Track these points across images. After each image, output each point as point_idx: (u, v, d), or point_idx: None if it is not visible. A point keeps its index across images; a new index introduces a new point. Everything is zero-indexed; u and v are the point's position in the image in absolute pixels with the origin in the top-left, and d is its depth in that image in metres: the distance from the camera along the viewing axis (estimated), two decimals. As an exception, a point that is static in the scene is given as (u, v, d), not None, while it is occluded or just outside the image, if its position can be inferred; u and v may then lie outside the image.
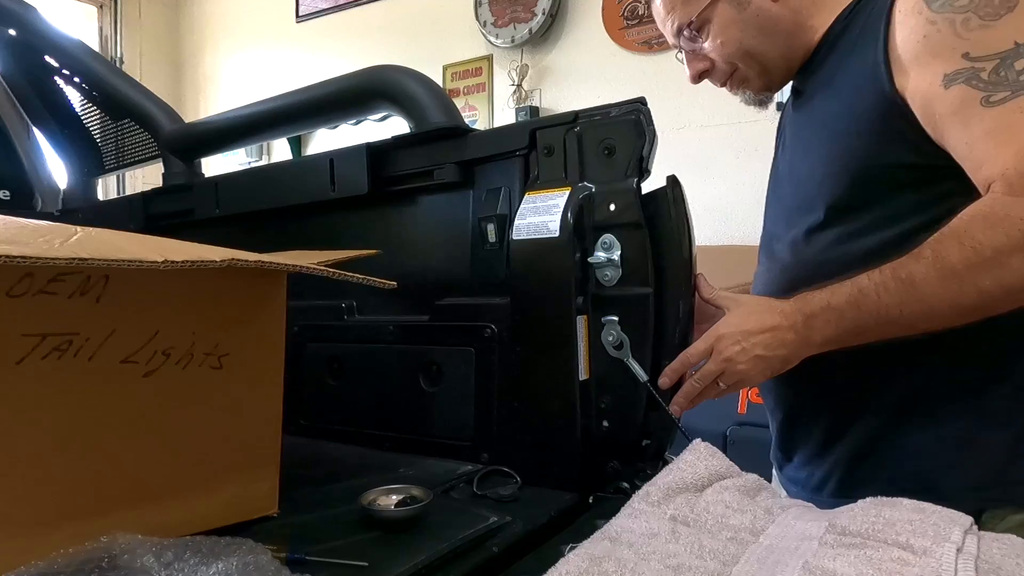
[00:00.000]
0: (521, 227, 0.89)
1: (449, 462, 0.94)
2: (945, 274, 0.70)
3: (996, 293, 0.69)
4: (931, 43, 0.74)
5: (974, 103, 0.72)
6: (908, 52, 0.76)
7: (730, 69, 0.95)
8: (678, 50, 0.99)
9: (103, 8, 4.61)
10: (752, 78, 0.95)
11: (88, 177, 1.67)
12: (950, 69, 0.73)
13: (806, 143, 0.93)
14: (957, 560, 0.52)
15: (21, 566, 0.51)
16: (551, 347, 0.87)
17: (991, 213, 0.69)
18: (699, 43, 0.94)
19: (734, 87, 0.98)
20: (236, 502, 0.71)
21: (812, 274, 0.83)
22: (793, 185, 0.95)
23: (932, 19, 0.74)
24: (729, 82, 0.97)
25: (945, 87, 0.73)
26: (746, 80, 0.96)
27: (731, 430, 2.19)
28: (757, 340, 0.79)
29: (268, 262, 0.62)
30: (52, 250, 0.49)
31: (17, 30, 1.54)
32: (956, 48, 0.73)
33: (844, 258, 0.82)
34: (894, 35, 0.78)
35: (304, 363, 1.13)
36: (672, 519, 0.64)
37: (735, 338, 0.80)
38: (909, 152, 0.79)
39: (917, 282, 0.72)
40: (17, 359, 0.55)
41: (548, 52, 3.38)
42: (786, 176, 0.98)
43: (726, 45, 0.92)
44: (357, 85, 1.14)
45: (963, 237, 0.70)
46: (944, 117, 0.74)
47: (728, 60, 0.94)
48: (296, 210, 1.17)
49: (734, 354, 0.80)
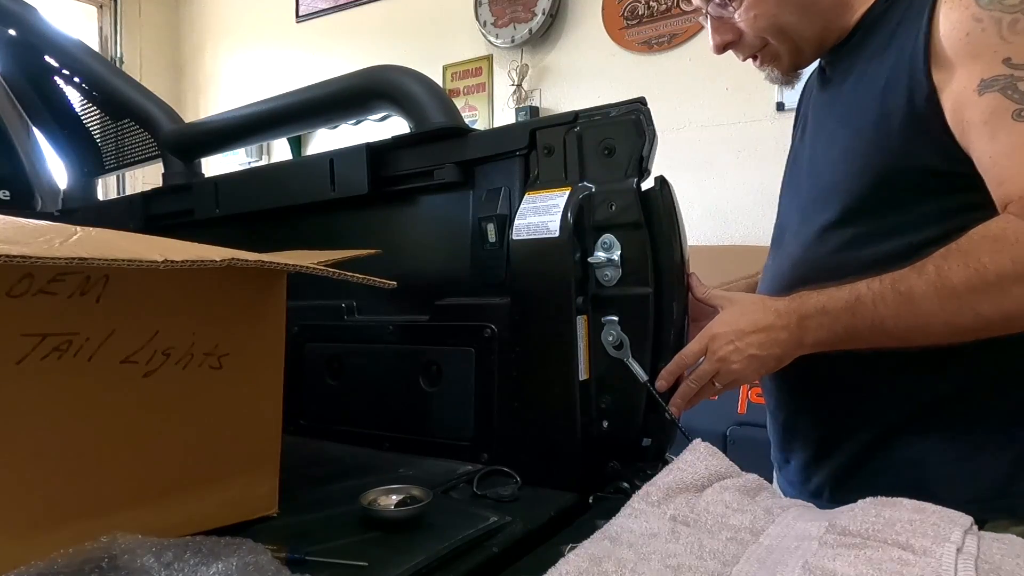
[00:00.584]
0: (521, 227, 0.89)
1: (449, 462, 0.94)
2: (945, 293, 0.69)
3: (993, 318, 0.68)
4: (973, 42, 0.71)
5: (1005, 115, 0.69)
6: (948, 48, 0.72)
7: (760, 44, 0.89)
8: (703, 15, 0.91)
9: (103, 8, 4.61)
10: (782, 55, 0.90)
11: (88, 177, 1.67)
12: (987, 74, 0.70)
13: (830, 133, 0.89)
14: (957, 560, 0.52)
15: (21, 566, 0.51)
16: (551, 347, 0.87)
17: (1001, 236, 0.67)
18: (729, 11, 0.87)
19: (762, 63, 0.92)
20: (236, 502, 0.71)
21: (821, 274, 0.81)
22: (812, 176, 0.91)
23: (978, 16, 0.70)
24: (757, 57, 0.92)
25: (979, 93, 0.70)
26: (776, 58, 0.90)
27: (731, 430, 2.19)
28: (751, 339, 0.79)
29: (268, 262, 0.62)
30: (52, 250, 0.49)
31: (17, 30, 1.54)
32: (998, 52, 0.69)
33: (856, 262, 0.80)
34: (937, 27, 0.74)
35: (304, 363, 1.13)
36: (672, 519, 0.64)
37: (728, 337, 0.79)
38: (937, 156, 0.75)
39: (915, 297, 0.70)
40: (17, 359, 0.55)
41: (548, 52, 3.38)
42: (805, 165, 0.94)
43: (760, 19, 0.86)
44: (357, 85, 1.14)
45: (968, 257, 0.68)
46: (972, 124, 0.71)
47: (759, 35, 0.88)
48: (296, 210, 1.17)
49: (728, 353, 0.79)
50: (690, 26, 2.98)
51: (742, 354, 0.79)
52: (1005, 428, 0.77)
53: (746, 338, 0.79)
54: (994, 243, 0.67)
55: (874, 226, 0.80)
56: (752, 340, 0.79)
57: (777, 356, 0.79)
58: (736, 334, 0.79)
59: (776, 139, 2.77)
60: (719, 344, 0.80)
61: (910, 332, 0.72)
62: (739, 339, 0.79)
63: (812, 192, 0.90)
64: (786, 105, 2.73)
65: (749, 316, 0.80)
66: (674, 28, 3.02)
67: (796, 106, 1.03)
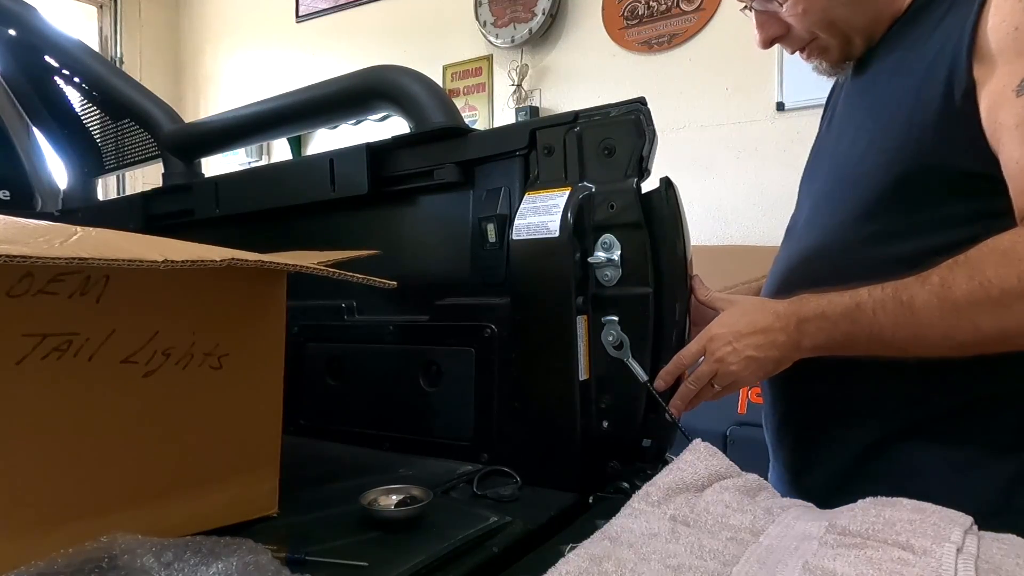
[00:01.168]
0: (521, 227, 0.89)
1: (449, 462, 0.94)
2: (946, 306, 0.67)
3: (992, 334, 0.66)
4: (1021, 37, 0.67)
5: None
6: (994, 42, 0.69)
7: (809, 38, 0.86)
8: (747, 9, 0.88)
9: (103, 8, 4.61)
10: (832, 48, 0.86)
11: (88, 177, 1.67)
12: None
13: (859, 124, 0.86)
14: (957, 560, 0.52)
15: (21, 566, 0.51)
16: (551, 347, 0.87)
17: (1010, 251, 0.65)
18: (775, 5, 0.84)
19: (811, 57, 0.89)
20: (236, 502, 0.71)
21: (834, 272, 0.79)
22: (835, 168, 0.88)
23: None
24: (805, 50, 0.88)
25: (1017, 93, 0.66)
26: (825, 51, 0.87)
27: (731, 430, 2.19)
28: (749, 341, 0.78)
29: (268, 262, 0.62)
30: (52, 250, 0.49)
31: (17, 30, 1.54)
32: None
33: (871, 262, 0.77)
34: (986, 19, 0.70)
35: (304, 363, 1.13)
36: (672, 519, 0.64)
37: (727, 339, 0.79)
38: (969, 156, 0.72)
39: (916, 308, 0.69)
40: (17, 359, 0.55)
41: (548, 52, 3.38)
42: (828, 155, 0.91)
43: (809, 13, 0.83)
44: (357, 85, 1.14)
45: (974, 271, 0.66)
46: (1004, 127, 0.68)
47: (809, 29, 0.85)
48: (296, 210, 1.17)
49: (725, 355, 0.79)
50: (690, 26, 2.98)
51: (740, 355, 0.78)
52: (1007, 443, 0.75)
53: (744, 340, 0.78)
54: (1003, 257, 0.65)
55: (895, 225, 0.78)
56: (750, 342, 0.78)
57: (775, 359, 0.78)
58: (734, 335, 0.79)
59: (776, 139, 2.77)
60: (717, 345, 0.79)
61: (908, 342, 0.71)
62: (737, 340, 0.78)
63: (833, 183, 0.87)
64: (786, 105, 2.73)
65: (748, 318, 0.79)
66: (674, 28, 3.02)
67: (826, 97, 1.00)
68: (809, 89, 2.56)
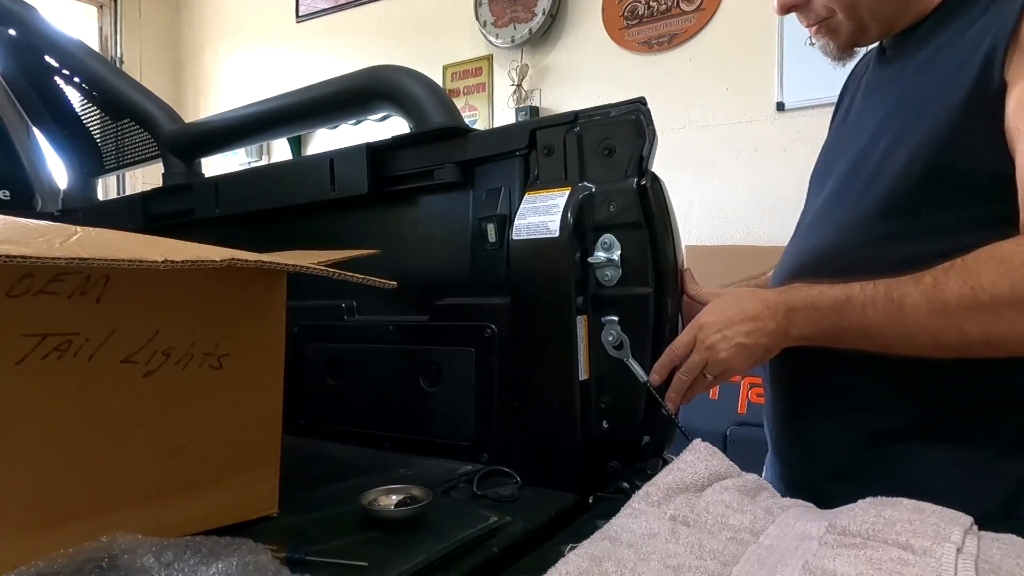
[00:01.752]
0: (521, 227, 0.89)
1: (449, 462, 0.94)
2: (936, 307, 0.67)
3: (978, 340, 0.66)
4: None
5: None
6: None
7: (826, 15, 0.84)
8: None
9: (103, 8, 4.61)
10: (843, 31, 0.85)
11: (88, 177, 1.67)
12: None
13: (881, 118, 0.83)
14: (957, 560, 0.52)
15: (21, 566, 0.51)
16: (551, 347, 0.87)
17: (1007, 259, 0.65)
18: None
19: (820, 35, 0.87)
20: (236, 502, 0.71)
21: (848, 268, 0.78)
22: (852, 164, 0.85)
23: None
24: (817, 28, 0.86)
25: None
26: (836, 32, 0.85)
27: (731, 430, 2.19)
28: (738, 328, 0.78)
29: (268, 262, 0.62)
30: (52, 250, 0.49)
31: (17, 30, 1.54)
32: None
33: (882, 263, 0.75)
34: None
35: (304, 363, 1.13)
36: (672, 519, 0.64)
37: (716, 326, 0.79)
38: (993, 158, 0.70)
39: (906, 306, 0.69)
40: (17, 359, 0.55)
41: (548, 52, 3.38)
42: (844, 150, 0.89)
43: None
44: (357, 85, 1.14)
45: (969, 275, 0.66)
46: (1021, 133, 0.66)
47: (828, 5, 0.83)
48: (296, 210, 1.17)
49: (715, 342, 0.78)
50: (690, 26, 2.98)
51: (729, 343, 0.78)
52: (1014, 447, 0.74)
53: (734, 327, 0.78)
54: (999, 265, 0.65)
55: (911, 226, 0.76)
56: (740, 329, 0.78)
57: (765, 346, 0.78)
58: (724, 323, 0.78)
59: (776, 139, 2.77)
60: (707, 333, 0.79)
61: (895, 340, 0.71)
62: (727, 328, 0.78)
63: (849, 179, 0.85)
64: (786, 105, 2.73)
65: (737, 306, 0.79)
66: (674, 28, 3.02)
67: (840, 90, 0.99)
68: (809, 89, 2.56)
